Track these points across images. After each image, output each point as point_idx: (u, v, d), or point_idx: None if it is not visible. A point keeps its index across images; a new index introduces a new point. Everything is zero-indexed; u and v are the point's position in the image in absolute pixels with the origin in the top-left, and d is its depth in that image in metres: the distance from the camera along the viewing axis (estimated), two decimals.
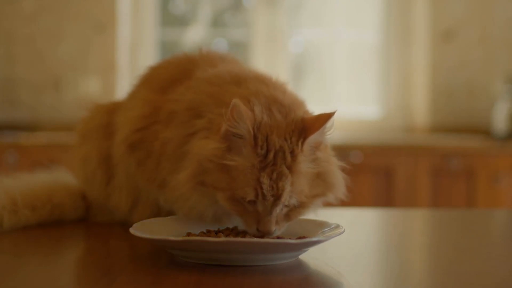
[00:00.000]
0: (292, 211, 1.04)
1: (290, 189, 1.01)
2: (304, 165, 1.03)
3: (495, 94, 3.65)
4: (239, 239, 1.02)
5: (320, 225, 1.08)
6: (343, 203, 1.13)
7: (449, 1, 3.72)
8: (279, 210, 1.02)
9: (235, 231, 1.08)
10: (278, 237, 1.06)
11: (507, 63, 3.70)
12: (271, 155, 1.01)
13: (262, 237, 1.03)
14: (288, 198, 1.01)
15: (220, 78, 1.14)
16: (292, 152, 1.02)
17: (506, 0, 3.72)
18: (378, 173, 3.23)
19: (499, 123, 3.49)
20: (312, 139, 1.03)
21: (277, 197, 1.01)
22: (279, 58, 3.86)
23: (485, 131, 3.59)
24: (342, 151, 1.13)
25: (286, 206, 1.03)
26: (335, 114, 1.03)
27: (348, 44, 3.95)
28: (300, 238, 1.04)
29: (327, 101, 3.86)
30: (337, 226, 1.06)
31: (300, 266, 1.01)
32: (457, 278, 0.97)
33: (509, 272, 1.01)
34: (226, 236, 1.06)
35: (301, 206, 1.04)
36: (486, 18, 3.71)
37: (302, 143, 1.02)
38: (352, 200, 1.15)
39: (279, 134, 1.02)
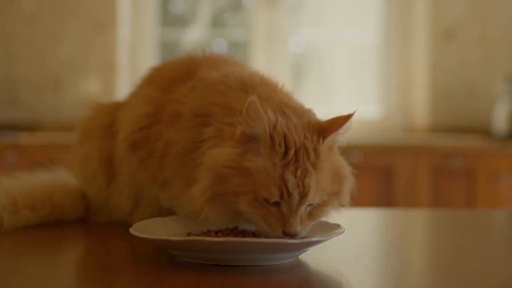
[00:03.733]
0: (315, 210, 1.02)
1: (315, 187, 1.00)
2: (326, 163, 1.02)
3: (495, 94, 3.65)
4: (239, 239, 1.02)
5: (320, 225, 1.08)
6: None
7: (449, 1, 3.72)
8: (303, 209, 1.00)
9: (235, 231, 1.08)
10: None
11: (507, 63, 3.70)
12: (291, 153, 0.99)
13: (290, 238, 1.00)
14: (313, 196, 1.00)
15: (225, 84, 1.13)
16: (315, 150, 1.01)
17: (506, 0, 3.72)
18: (378, 173, 3.23)
19: (499, 123, 3.49)
20: (331, 138, 1.03)
21: (304, 195, 0.99)
22: (279, 58, 3.86)
23: (485, 131, 3.59)
24: (342, 151, 1.13)
25: (309, 204, 1.01)
26: (353, 115, 1.04)
27: (348, 44, 3.95)
28: (300, 238, 1.04)
29: (327, 101, 3.86)
30: (337, 226, 1.06)
31: (300, 266, 1.01)
32: (457, 278, 0.97)
33: (509, 272, 1.01)
34: (226, 236, 1.05)
35: (324, 204, 1.03)
36: (486, 18, 3.71)
37: (323, 141, 1.02)
38: (352, 200, 1.15)
39: (298, 133, 1.01)
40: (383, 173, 3.25)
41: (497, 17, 3.71)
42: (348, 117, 1.04)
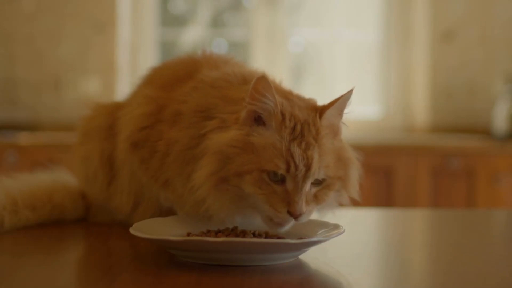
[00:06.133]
0: (320, 192, 1.03)
1: (318, 159, 1.01)
2: (326, 140, 1.04)
3: (495, 94, 3.65)
4: (239, 239, 1.02)
5: (320, 225, 1.08)
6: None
7: (449, 1, 3.72)
8: (308, 186, 1.01)
9: (235, 231, 1.08)
10: (278, 237, 1.06)
11: (507, 63, 3.70)
12: (298, 128, 1.02)
13: (295, 219, 1.01)
14: (317, 169, 1.01)
15: (226, 81, 1.14)
16: (315, 125, 1.04)
17: (506, 0, 3.72)
18: (378, 173, 3.23)
19: (499, 123, 3.49)
20: (329, 114, 1.05)
21: (308, 167, 1.00)
22: (279, 58, 3.86)
23: (485, 131, 3.59)
24: None
25: (314, 184, 1.02)
26: (352, 92, 1.07)
27: (348, 44, 3.95)
28: (300, 238, 1.04)
29: (327, 101, 3.84)
30: (337, 226, 1.06)
31: (300, 266, 1.01)
32: (457, 278, 0.97)
33: (509, 272, 1.01)
34: (226, 236, 1.06)
35: (327, 187, 1.04)
36: (486, 18, 3.71)
37: (321, 116, 1.05)
38: (352, 200, 1.15)
39: (302, 111, 1.05)
40: (383, 173, 3.25)
41: (497, 17, 3.71)
42: (346, 94, 1.07)
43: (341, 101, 1.07)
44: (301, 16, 3.99)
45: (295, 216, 1.00)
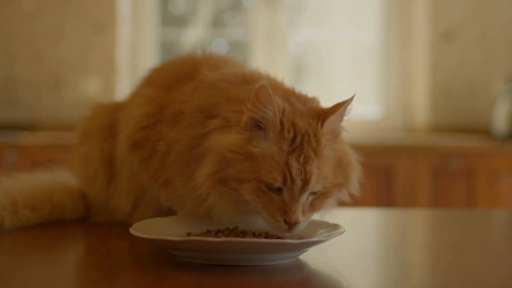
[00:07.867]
0: (317, 200, 1.03)
1: (317, 173, 1.01)
2: (327, 150, 1.03)
3: (495, 94, 3.65)
4: (239, 239, 1.02)
5: (320, 225, 1.08)
6: (343, 203, 1.13)
7: (449, 1, 3.72)
8: (305, 197, 1.01)
9: (235, 231, 1.08)
10: (278, 237, 1.06)
11: (507, 63, 3.70)
12: (298, 139, 1.01)
13: (289, 230, 1.01)
14: (315, 183, 1.01)
15: (227, 81, 1.13)
16: (315, 136, 1.02)
17: (506, 0, 3.72)
18: (378, 173, 3.23)
19: (499, 123, 3.49)
20: (331, 121, 1.04)
21: (306, 182, 1.00)
22: (279, 58, 3.86)
23: (485, 131, 3.59)
24: None
25: (311, 193, 1.02)
26: (353, 99, 1.06)
27: (348, 44, 3.95)
28: (300, 238, 1.04)
29: (327, 101, 3.85)
30: (337, 226, 1.06)
31: (300, 266, 1.01)
32: (457, 278, 0.97)
33: (509, 272, 1.01)
34: (226, 236, 1.05)
35: (325, 195, 1.04)
36: (486, 18, 3.71)
37: (322, 125, 1.03)
38: (352, 200, 1.15)
39: (302, 120, 1.03)
40: (383, 173, 3.25)
41: (497, 17, 3.71)
42: (347, 101, 1.05)
43: (343, 108, 1.06)
44: (301, 16, 3.99)
45: (291, 224, 1.01)
